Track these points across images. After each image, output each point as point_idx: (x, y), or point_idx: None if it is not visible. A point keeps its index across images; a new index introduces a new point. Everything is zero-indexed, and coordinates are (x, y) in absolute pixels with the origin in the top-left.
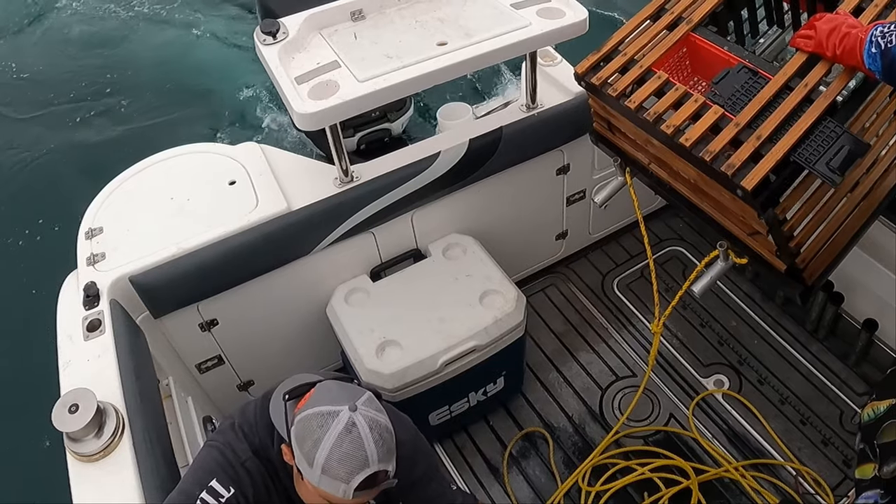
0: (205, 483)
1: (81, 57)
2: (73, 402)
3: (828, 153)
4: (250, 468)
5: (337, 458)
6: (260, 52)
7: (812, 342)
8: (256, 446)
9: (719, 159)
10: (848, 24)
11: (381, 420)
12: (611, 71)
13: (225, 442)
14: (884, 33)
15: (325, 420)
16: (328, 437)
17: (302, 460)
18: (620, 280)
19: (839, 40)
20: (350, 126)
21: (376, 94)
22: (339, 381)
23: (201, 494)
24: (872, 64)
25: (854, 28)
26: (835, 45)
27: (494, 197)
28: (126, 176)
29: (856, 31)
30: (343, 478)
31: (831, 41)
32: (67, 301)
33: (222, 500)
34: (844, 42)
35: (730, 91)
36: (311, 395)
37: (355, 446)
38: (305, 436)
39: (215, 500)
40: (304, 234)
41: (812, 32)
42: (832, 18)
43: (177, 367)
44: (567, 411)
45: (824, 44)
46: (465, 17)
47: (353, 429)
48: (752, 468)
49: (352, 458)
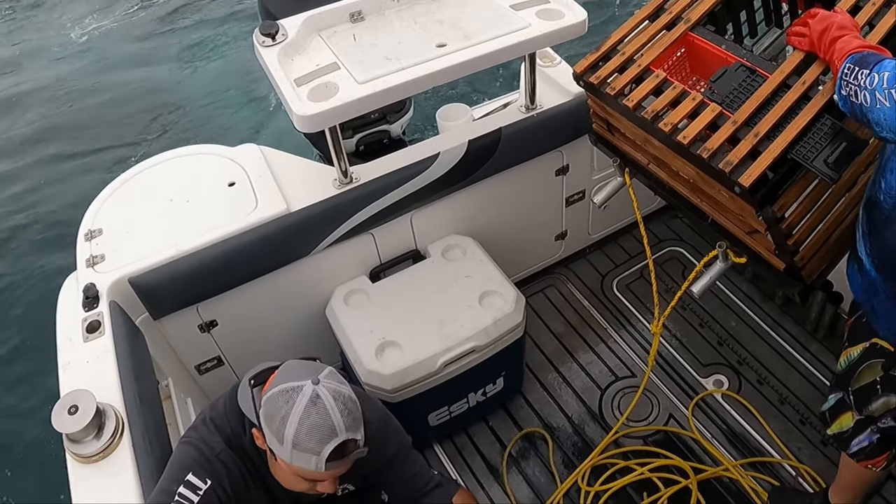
0: (181, 478)
1: (82, 56)
2: (72, 403)
3: (825, 150)
4: (225, 459)
5: (305, 431)
6: (259, 54)
7: (811, 342)
8: (229, 437)
9: (717, 157)
10: (838, 25)
11: (343, 391)
12: (609, 70)
13: (198, 437)
14: (846, 78)
15: (289, 396)
16: (294, 411)
17: (273, 440)
18: (620, 280)
19: (828, 43)
20: (349, 127)
21: (376, 96)
22: (302, 360)
23: (179, 489)
24: (842, 105)
25: (843, 32)
26: (825, 46)
27: (494, 198)
28: (125, 177)
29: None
30: (314, 449)
31: (822, 42)
32: (67, 302)
33: (200, 492)
34: (832, 49)
35: (727, 89)
36: (274, 377)
37: (322, 417)
38: (273, 414)
39: (193, 493)
40: (303, 236)
41: (806, 31)
42: (825, 17)
43: (176, 369)
44: (566, 412)
45: (816, 44)
46: (464, 18)
47: (318, 400)
48: (751, 468)
49: (320, 429)
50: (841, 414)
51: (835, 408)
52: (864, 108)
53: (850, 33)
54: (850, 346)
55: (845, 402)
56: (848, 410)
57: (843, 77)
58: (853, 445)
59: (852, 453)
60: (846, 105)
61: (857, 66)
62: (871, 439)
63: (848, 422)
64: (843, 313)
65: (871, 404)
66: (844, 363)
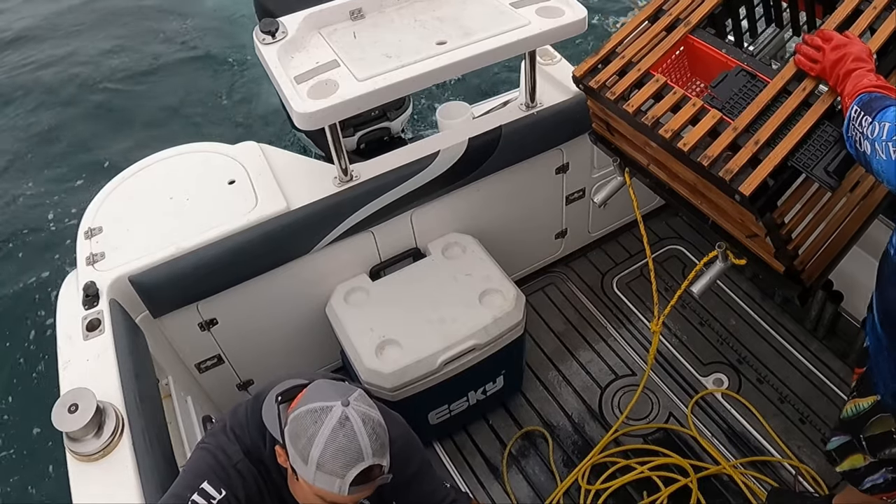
0: (196, 486)
1: (80, 55)
2: (72, 401)
3: (825, 157)
4: (242, 469)
5: (331, 453)
6: (259, 52)
7: (811, 341)
8: (248, 447)
9: (717, 164)
10: (854, 57)
11: (373, 415)
12: (609, 74)
13: (216, 444)
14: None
15: (318, 416)
16: (322, 432)
17: (297, 458)
18: (620, 279)
19: (841, 76)
20: (349, 125)
21: (375, 94)
22: (332, 380)
23: (192, 497)
24: (849, 146)
25: (858, 65)
26: (837, 77)
27: (494, 196)
28: (125, 175)
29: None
30: (338, 472)
31: (835, 72)
32: (67, 301)
33: (213, 501)
34: (845, 82)
35: (728, 94)
36: (303, 395)
37: (349, 440)
38: (299, 433)
39: (206, 501)
40: (303, 234)
41: (819, 56)
42: (840, 46)
43: (176, 367)
44: (566, 410)
45: (829, 72)
46: (464, 16)
47: (347, 423)
48: (751, 466)
49: (346, 452)
50: (850, 455)
51: (842, 449)
52: (867, 155)
53: (865, 66)
54: (859, 397)
55: (854, 445)
56: (858, 453)
57: (851, 121)
58: (866, 482)
59: (865, 489)
60: (851, 148)
61: (863, 110)
62: (885, 477)
63: (859, 462)
64: (843, 312)
65: (886, 450)
66: (852, 412)
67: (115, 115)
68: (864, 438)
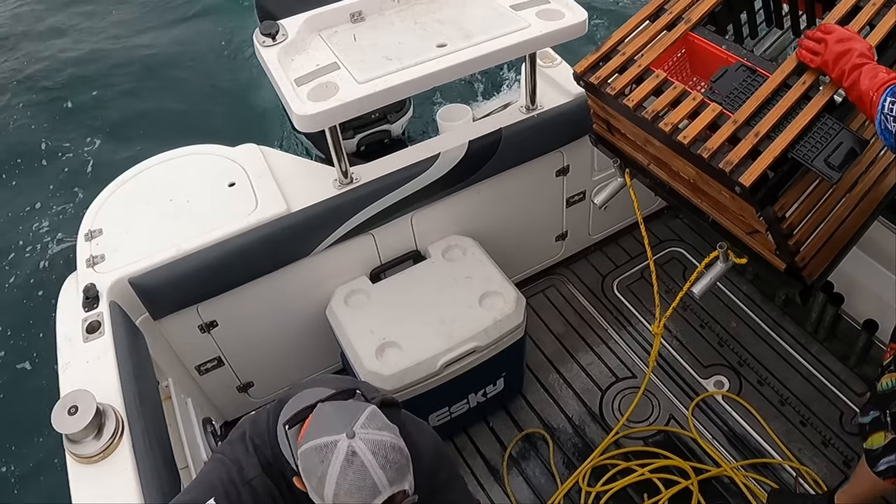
0: (202, 502)
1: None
2: (72, 403)
3: (826, 150)
4: (256, 486)
5: (345, 492)
6: (259, 54)
7: (812, 343)
8: (269, 459)
9: (717, 156)
10: (859, 52)
11: (383, 440)
12: (609, 70)
13: (233, 457)
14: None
15: (324, 454)
16: (331, 472)
17: (314, 494)
18: (620, 281)
19: (848, 70)
20: (350, 127)
21: (376, 96)
22: (337, 402)
23: None
24: (885, 137)
25: (864, 61)
26: (842, 73)
27: (494, 198)
28: (125, 178)
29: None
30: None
31: (839, 67)
32: (67, 303)
33: None
34: (853, 78)
35: (728, 89)
36: (308, 423)
37: (361, 476)
38: (310, 472)
39: None
40: (303, 236)
41: (821, 49)
42: (843, 39)
43: (176, 369)
44: (567, 412)
45: (831, 65)
46: (464, 18)
47: (355, 458)
48: (751, 468)
49: (360, 489)
50: (875, 431)
51: (872, 423)
52: None
53: (872, 62)
54: None
55: (881, 421)
56: (882, 430)
57: (886, 112)
58: (881, 464)
59: (879, 471)
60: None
61: None
62: None
63: (879, 440)
64: (843, 314)
65: None
66: (888, 385)
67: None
68: (890, 413)
